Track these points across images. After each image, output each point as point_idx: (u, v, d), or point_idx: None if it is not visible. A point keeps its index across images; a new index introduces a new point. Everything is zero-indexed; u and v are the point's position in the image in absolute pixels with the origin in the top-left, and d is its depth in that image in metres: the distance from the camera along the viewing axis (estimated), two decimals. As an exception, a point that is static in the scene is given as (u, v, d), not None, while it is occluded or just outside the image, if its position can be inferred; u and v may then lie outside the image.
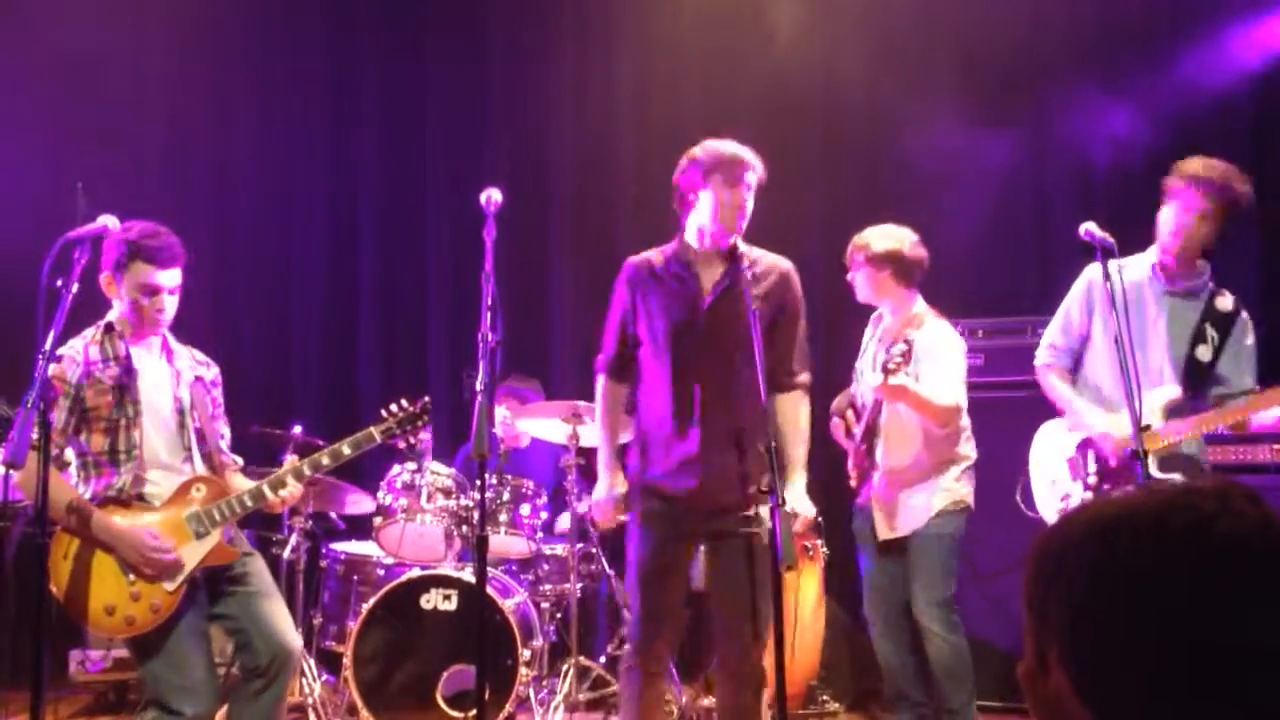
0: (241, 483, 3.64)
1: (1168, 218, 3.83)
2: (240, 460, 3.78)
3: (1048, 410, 4.47)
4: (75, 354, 3.42)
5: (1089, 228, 3.66)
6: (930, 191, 5.97)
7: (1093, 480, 3.90)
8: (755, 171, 3.57)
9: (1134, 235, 3.96)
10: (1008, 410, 4.49)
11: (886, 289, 4.21)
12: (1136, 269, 3.91)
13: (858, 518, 4.31)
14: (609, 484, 3.70)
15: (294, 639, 3.56)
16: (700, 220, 3.60)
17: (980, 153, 6.13)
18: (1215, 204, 3.74)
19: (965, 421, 4.20)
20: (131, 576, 3.35)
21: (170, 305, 3.52)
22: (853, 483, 4.32)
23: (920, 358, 4.07)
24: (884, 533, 4.17)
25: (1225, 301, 3.86)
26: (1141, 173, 5.90)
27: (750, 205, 3.58)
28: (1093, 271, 3.99)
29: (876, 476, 4.19)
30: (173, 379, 3.58)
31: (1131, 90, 5.95)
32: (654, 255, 3.70)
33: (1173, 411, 3.74)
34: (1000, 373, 4.98)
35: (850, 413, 4.39)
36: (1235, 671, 0.91)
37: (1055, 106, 6.12)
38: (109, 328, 3.51)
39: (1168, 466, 3.67)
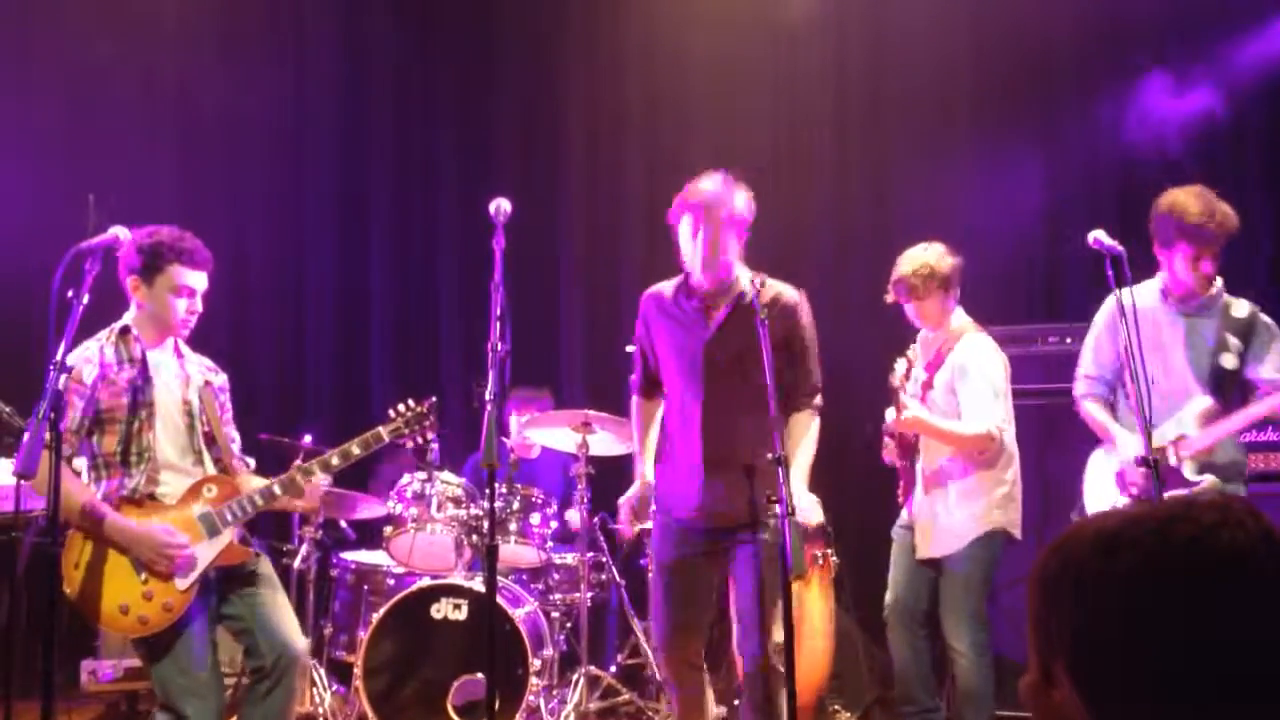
0: (255, 484, 3.64)
1: (1179, 267, 3.87)
2: (252, 462, 3.79)
3: (1059, 417, 4.46)
4: (91, 356, 3.44)
5: (1098, 235, 3.65)
6: (939, 199, 5.98)
7: (1134, 491, 3.93)
8: (727, 208, 3.57)
9: (1144, 244, 3.96)
10: (1017, 419, 4.46)
11: (948, 307, 4.20)
12: (1147, 295, 3.95)
13: (900, 523, 4.31)
14: (634, 490, 3.81)
15: (299, 640, 3.58)
16: (685, 257, 3.67)
17: (989, 161, 6.13)
18: (1217, 247, 3.84)
19: (1010, 442, 4.14)
20: (144, 575, 3.36)
21: (200, 308, 3.59)
22: (900, 496, 4.32)
23: (956, 379, 4.08)
24: (921, 552, 4.16)
25: (1240, 309, 3.90)
26: (1151, 180, 5.91)
27: (727, 241, 3.58)
28: (1113, 300, 4.06)
29: (918, 490, 4.18)
30: (183, 382, 3.60)
31: (1141, 98, 5.95)
32: (666, 287, 3.79)
33: (1208, 421, 3.80)
34: (1010, 381, 4.95)
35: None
36: (1243, 676, 0.92)
37: (1065, 114, 6.12)
38: (124, 330, 3.53)
39: (1206, 470, 3.79)
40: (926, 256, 4.15)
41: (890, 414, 4.12)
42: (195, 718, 3.33)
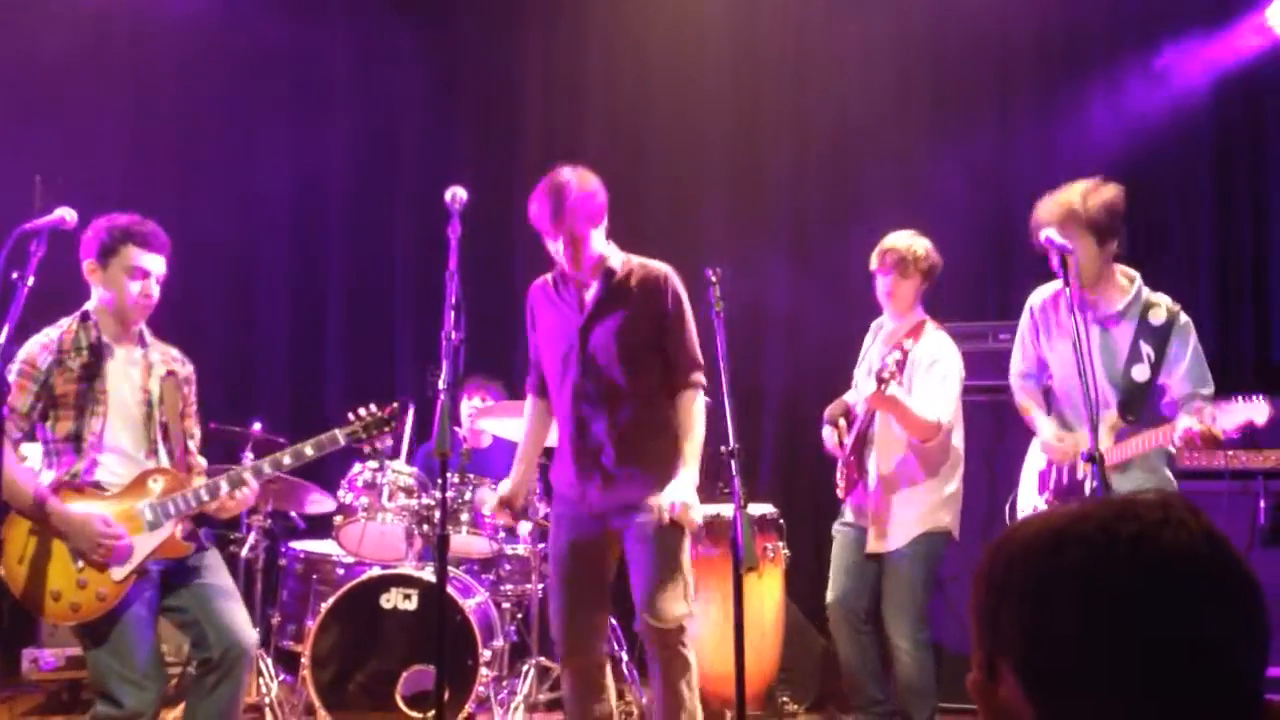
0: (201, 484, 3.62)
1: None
2: (205, 462, 3.76)
3: (1010, 414, 4.51)
4: (49, 341, 3.44)
5: (1048, 234, 3.68)
6: (894, 196, 6.02)
7: (1048, 496, 3.94)
8: (551, 233, 3.59)
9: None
10: (968, 415, 4.51)
11: (917, 298, 4.24)
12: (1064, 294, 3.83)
13: (841, 520, 4.35)
14: (504, 486, 3.84)
15: (248, 633, 3.56)
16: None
17: (944, 159, 6.18)
18: (1066, 230, 3.69)
19: (958, 444, 4.20)
20: (80, 564, 3.33)
21: (155, 292, 3.55)
22: (839, 491, 4.35)
23: (915, 369, 4.10)
24: (873, 546, 4.18)
25: (1159, 313, 3.76)
26: (1102, 178, 6.00)
27: (586, 240, 3.58)
28: (1033, 298, 4.07)
29: (871, 485, 4.20)
30: (143, 371, 3.58)
31: (1094, 96, 6.03)
32: (549, 276, 3.82)
33: (1118, 437, 3.74)
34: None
35: (843, 421, 4.39)
36: (1187, 670, 0.94)
37: (1019, 114, 6.18)
38: (84, 316, 3.52)
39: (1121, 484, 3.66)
40: (922, 239, 4.22)
41: (861, 387, 4.11)
42: (132, 707, 3.31)
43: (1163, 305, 3.78)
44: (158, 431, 3.56)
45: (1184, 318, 3.77)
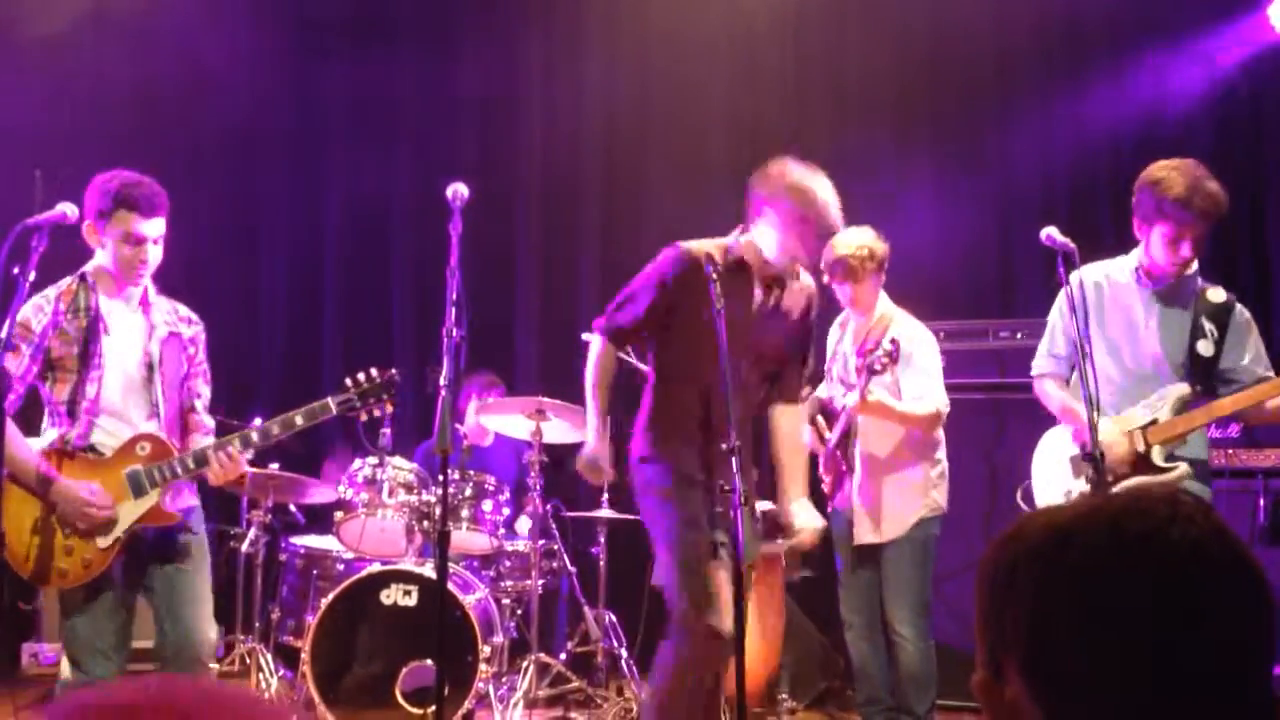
0: (197, 444, 3.55)
1: (1156, 246, 3.63)
2: (212, 423, 3.70)
3: (1010, 412, 4.51)
4: (45, 302, 3.39)
5: (1050, 232, 3.65)
6: (894, 193, 6.02)
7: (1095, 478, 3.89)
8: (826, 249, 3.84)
9: (1094, 240, 4.00)
10: (969, 412, 4.52)
11: (878, 291, 4.24)
12: (1120, 272, 3.79)
13: (835, 520, 4.33)
14: (604, 444, 3.62)
15: (206, 638, 3.48)
16: (762, 239, 3.61)
17: (944, 156, 6.18)
18: (1200, 229, 3.60)
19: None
20: (67, 530, 3.31)
21: (153, 255, 3.46)
22: (825, 487, 4.35)
23: (899, 363, 4.08)
24: (863, 537, 4.18)
25: (1218, 294, 3.72)
26: (1103, 178, 6.00)
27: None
28: (1071, 281, 3.93)
29: (856, 477, 4.21)
30: (145, 333, 3.52)
31: (1094, 96, 6.03)
32: (713, 249, 3.60)
33: (1183, 408, 3.62)
34: (963, 375, 5.00)
35: (821, 418, 4.39)
36: (1196, 670, 0.93)
37: (1019, 111, 6.19)
38: (83, 277, 3.46)
39: (1172, 460, 3.61)
40: (863, 238, 4.15)
41: (842, 396, 4.14)
42: (100, 678, 3.28)
43: (1220, 289, 3.76)
44: (159, 394, 3.50)
45: (1240, 305, 3.75)
